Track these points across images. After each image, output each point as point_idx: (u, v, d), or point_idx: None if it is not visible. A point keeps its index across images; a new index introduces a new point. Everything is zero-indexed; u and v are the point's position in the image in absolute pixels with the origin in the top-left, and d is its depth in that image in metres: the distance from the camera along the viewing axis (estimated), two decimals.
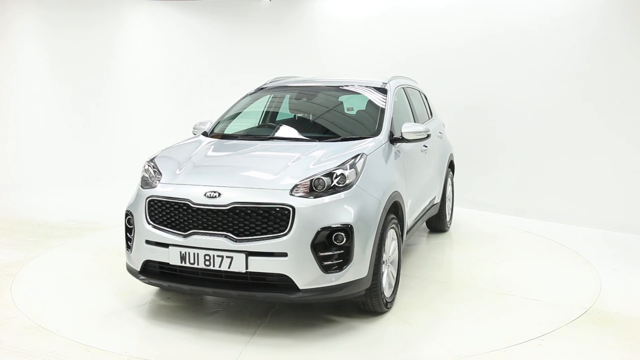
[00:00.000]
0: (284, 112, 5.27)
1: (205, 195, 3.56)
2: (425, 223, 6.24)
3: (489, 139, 7.59)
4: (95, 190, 8.81)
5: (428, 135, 4.51)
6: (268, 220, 3.45)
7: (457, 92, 7.88)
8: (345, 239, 3.48)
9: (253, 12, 10.16)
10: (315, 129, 4.82)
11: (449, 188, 6.43)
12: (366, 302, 3.84)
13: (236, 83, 9.74)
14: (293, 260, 3.40)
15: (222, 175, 3.78)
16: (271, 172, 3.68)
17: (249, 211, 3.47)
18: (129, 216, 3.91)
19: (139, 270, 3.82)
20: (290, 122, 5.07)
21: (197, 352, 3.44)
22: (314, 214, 3.44)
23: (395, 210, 4.16)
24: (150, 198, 3.78)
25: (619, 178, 6.55)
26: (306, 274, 3.42)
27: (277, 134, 4.68)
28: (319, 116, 5.08)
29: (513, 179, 7.45)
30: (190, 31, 10.27)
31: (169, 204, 3.68)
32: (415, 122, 5.32)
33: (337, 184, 3.59)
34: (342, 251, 3.48)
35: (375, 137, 4.27)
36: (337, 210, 3.50)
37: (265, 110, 5.26)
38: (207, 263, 3.52)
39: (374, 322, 3.87)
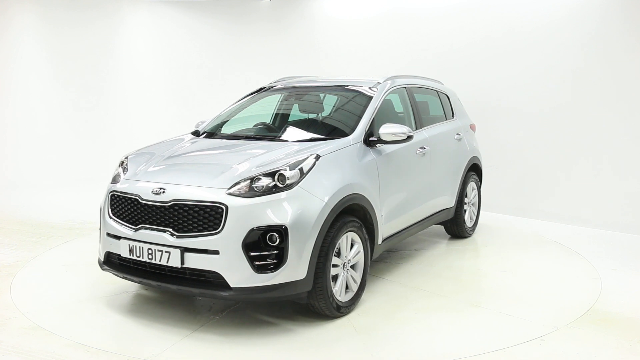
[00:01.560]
0: (274, 112, 5.33)
1: (152, 191, 3.70)
2: (444, 229, 6.10)
3: (489, 138, 7.58)
4: (95, 190, 8.77)
5: (409, 137, 4.38)
6: (203, 217, 3.52)
7: (457, 91, 7.86)
8: (279, 240, 3.46)
9: (253, 12, 10.16)
10: (294, 130, 4.80)
11: (471, 193, 6.17)
12: (314, 305, 3.79)
13: (236, 83, 9.75)
14: (224, 258, 3.44)
15: (173, 172, 3.93)
16: (217, 171, 3.75)
17: (187, 208, 3.56)
18: (100, 210, 4.16)
19: (102, 261, 4.03)
20: (274, 122, 5.14)
21: (128, 341, 3.58)
22: (247, 213, 3.46)
23: (360, 213, 4.11)
24: (111, 192, 4.01)
25: (619, 178, 6.55)
26: (237, 273, 3.45)
27: (255, 134, 4.75)
28: (302, 117, 5.19)
29: (513, 178, 7.44)
30: (190, 30, 10.26)
31: (124, 199, 3.87)
32: (415, 123, 5.19)
33: (278, 184, 3.57)
34: (276, 252, 3.46)
35: (344, 138, 4.23)
36: (273, 210, 3.49)
37: (256, 111, 5.29)
38: (150, 257, 3.65)
39: (318, 326, 3.79)
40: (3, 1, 9.06)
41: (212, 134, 4.84)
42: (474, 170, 6.23)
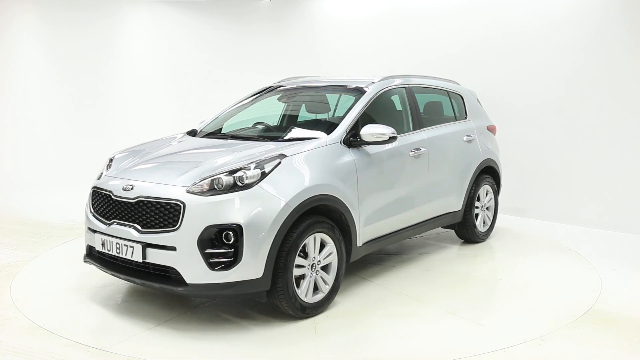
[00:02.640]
0: (267, 113, 5.31)
1: (122, 188, 3.86)
2: (455, 233, 5.94)
3: None
4: None
5: (391, 138, 4.32)
6: (164, 214, 3.62)
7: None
8: (234, 239, 3.50)
9: (253, 12, 10.15)
10: (280, 130, 4.85)
11: (486, 197, 5.96)
12: (276, 305, 3.80)
13: (236, 82, 9.74)
14: (181, 255, 3.52)
15: (145, 170, 4.05)
16: (183, 170, 3.83)
17: (150, 205, 3.67)
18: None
19: (85, 254, 4.21)
20: (264, 122, 5.12)
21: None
22: (203, 211, 3.52)
23: (336, 215, 4.09)
24: (92, 188, 4.20)
25: (619, 178, 6.54)
26: (193, 269, 3.51)
27: (242, 134, 4.76)
28: (290, 117, 5.24)
29: (512, 178, 7.44)
30: (190, 30, 10.26)
31: (101, 195, 4.04)
32: (412, 123, 5.07)
33: (238, 184, 3.61)
34: (231, 250, 3.50)
35: (320, 139, 4.21)
36: (229, 209, 3.53)
37: (253, 111, 5.33)
38: (118, 251, 3.79)
39: (278, 326, 3.79)
40: (3, 1, 9.05)
41: (204, 133, 4.94)
42: (489, 173, 6.03)
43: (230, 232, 3.50)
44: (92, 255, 4.13)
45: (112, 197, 3.88)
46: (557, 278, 4.89)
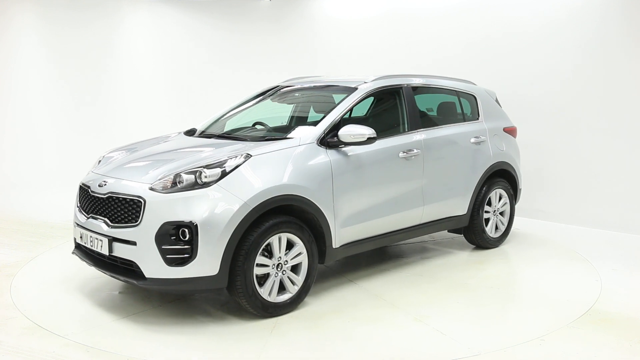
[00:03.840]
0: (265, 114, 5.28)
1: (98, 184, 4.06)
2: (464, 238, 5.73)
3: None
4: None
5: (370, 139, 4.26)
6: (128, 210, 3.77)
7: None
8: (189, 236, 3.59)
9: (253, 12, 10.15)
10: (262, 130, 4.88)
11: (498, 201, 5.72)
12: (238, 302, 3.89)
13: (236, 82, 9.73)
14: (140, 249, 3.66)
15: (121, 168, 4.19)
16: (152, 167, 3.98)
17: (117, 200, 3.84)
18: None
19: (74, 246, 4.35)
20: (263, 122, 5.12)
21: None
22: (161, 208, 3.64)
23: (311, 215, 4.08)
24: (80, 184, 4.40)
25: (619, 178, 6.54)
26: (151, 264, 3.64)
27: (227, 134, 4.79)
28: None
29: None
30: (190, 30, 10.25)
31: (82, 190, 4.27)
32: (408, 124, 4.93)
33: (198, 182, 3.69)
34: (187, 247, 3.60)
35: (293, 139, 4.21)
36: (186, 206, 3.62)
37: (249, 112, 5.34)
38: (92, 244, 3.98)
39: (235, 323, 3.85)
40: (3, 1, 9.05)
41: (200, 132, 5.02)
42: (504, 176, 5.79)
43: (186, 229, 3.59)
44: (79, 247, 4.30)
45: (89, 192, 4.09)
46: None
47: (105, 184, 3.98)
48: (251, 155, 3.90)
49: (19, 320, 3.88)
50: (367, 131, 4.25)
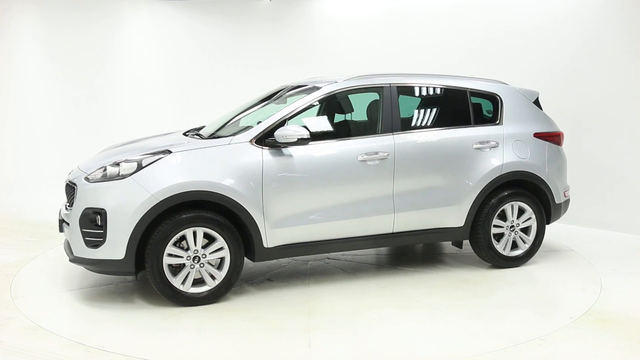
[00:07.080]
0: (259, 116, 5.09)
1: (68, 174, 4.57)
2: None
3: None
4: None
5: (302, 139, 4.24)
6: (71, 196, 4.29)
7: None
8: (102, 222, 4.00)
9: (253, 11, 10.15)
10: (231, 129, 4.81)
11: (518, 216, 5.07)
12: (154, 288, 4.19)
13: (236, 82, 9.73)
14: (71, 230, 4.14)
15: (93, 161, 4.54)
16: (106, 160, 4.30)
17: (69, 187, 4.38)
18: None
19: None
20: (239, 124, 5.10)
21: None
22: (86, 196, 4.10)
23: (239, 216, 4.17)
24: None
25: (619, 178, 6.54)
26: (77, 244, 4.11)
27: (218, 134, 4.74)
28: (248, 118, 5.16)
29: None
30: (190, 30, 10.25)
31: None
32: (381, 125, 4.70)
33: (118, 174, 4.08)
34: (100, 231, 4.01)
35: (224, 138, 4.39)
36: (101, 195, 4.05)
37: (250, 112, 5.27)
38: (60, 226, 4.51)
39: (159, 308, 4.12)
40: (3, 1, 9.04)
41: (194, 132, 5.06)
42: (527, 188, 5.13)
43: (99, 216, 4.01)
44: None
45: (68, 182, 4.50)
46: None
47: (70, 173, 4.52)
48: (170, 152, 4.19)
49: (19, 320, 3.89)
50: (299, 132, 4.26)
